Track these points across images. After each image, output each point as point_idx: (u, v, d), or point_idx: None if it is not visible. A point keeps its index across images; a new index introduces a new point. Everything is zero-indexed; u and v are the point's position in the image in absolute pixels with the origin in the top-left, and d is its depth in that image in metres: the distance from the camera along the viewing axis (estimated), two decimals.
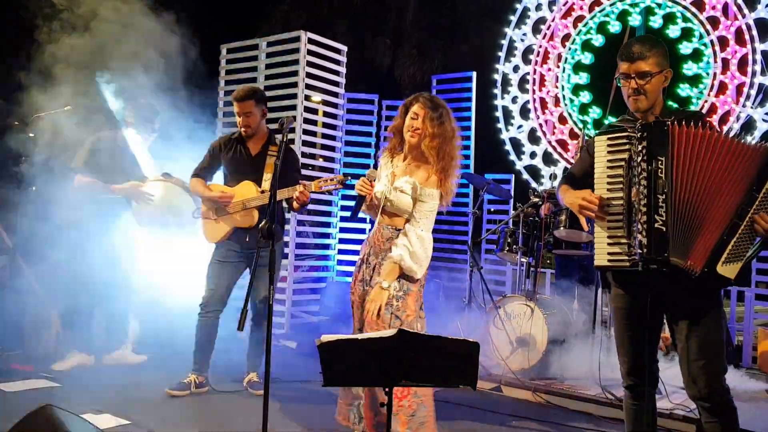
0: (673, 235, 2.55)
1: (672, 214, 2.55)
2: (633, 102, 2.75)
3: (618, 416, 4.27)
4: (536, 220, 5.37)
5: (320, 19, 16.65)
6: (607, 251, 2.68)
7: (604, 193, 2.69)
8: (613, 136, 2.71)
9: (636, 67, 2.70)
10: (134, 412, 3.89)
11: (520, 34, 8.78)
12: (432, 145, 3.27)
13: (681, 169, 2.57)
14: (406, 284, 3.24)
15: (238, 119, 4.43)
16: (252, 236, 4.38)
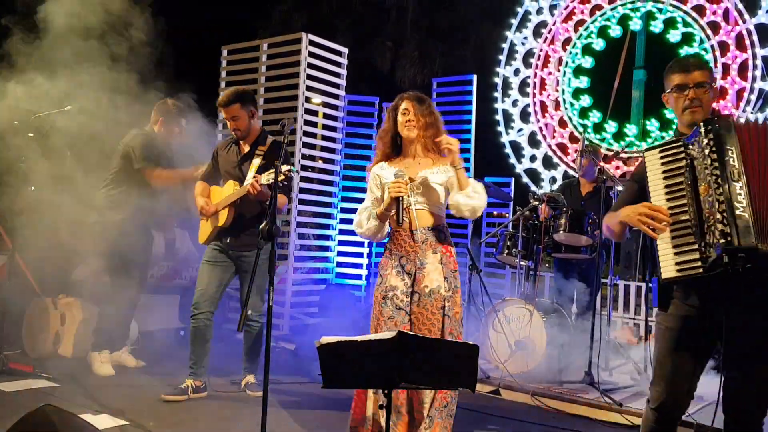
0: (758, 222, 2.38)
1: (752, 201, 2.39)
2: (690, 114, 2.63)
3: (616, 420, 4.27)
4: (536, 223, 5.38)
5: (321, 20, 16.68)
6: (675, 261, 2.48)
7: (664, 204, 2.54)
8: (666, 147, 2.61)
9: (693, 77, 2.62)
10: (133, 412, 3.88)
11: (521, 38, 8.80)
12: (429, 135, 3.33)
13: (749, 158, 2.45)
14: (453, 281, 3.25)
15: (228, 125, 4.44)
16: (232, 237, 4.38)
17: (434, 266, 3.23)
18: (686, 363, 2.58)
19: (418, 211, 3.26)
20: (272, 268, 2.90)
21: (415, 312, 3.22)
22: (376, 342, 2.31)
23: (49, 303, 5.22)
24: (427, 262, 3.24)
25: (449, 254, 3.30)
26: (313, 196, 7.11)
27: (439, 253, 3.26)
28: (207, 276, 4.42)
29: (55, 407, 2.52)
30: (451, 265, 3.28)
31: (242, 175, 4.37)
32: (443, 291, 3.20)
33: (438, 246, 3.27)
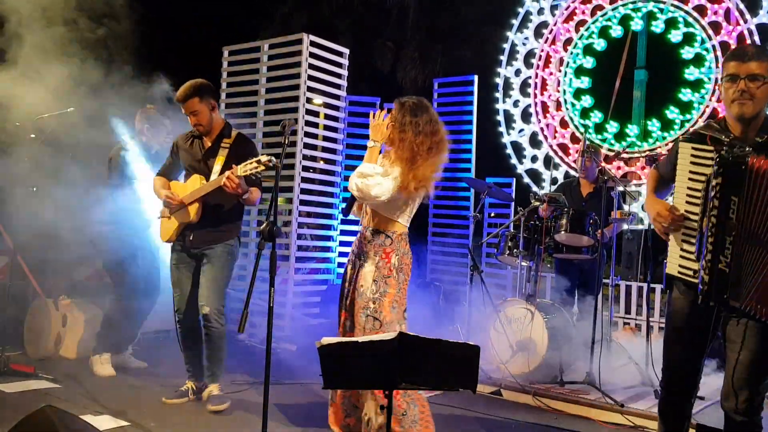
0: (735, 278, 2.47)
1: (737, 255, 2.46)
2: (738, 106, 2.55)
3: (618, 421, 4.27)
4: (537, 223, 5.37)
5: (322, 21, 16.68)
6: (678, 263, 2.65)
7: (682, 204, 2.61)
8: (699, 147, 2.58)
9: (747, 68, 2.51)
10: (134, 413, 3.89)
11: (522, 38, 8.80)
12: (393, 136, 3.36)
13: (753, 207, 2.45)
14: (383, 286, 3.28)
15: (189, 120, 4.23)
16: (196, 234, 4.18)
17: (370, 267, 3.31)
18: (688, 343, 2.70)
19: (370, 211, 3.41)
20: (273, 269, 2.90)
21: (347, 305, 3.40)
22: (376, 343, 2.31)
23: (51, 304, 5.23)
24: (366, 263, 3.33)
25: (387, 260, 3.30)
26: (314, 196, 7.10)
27: (378, 257, 3.31)
28: (179, 280, 4.27)
29: (56, 408, 2.53)
30: (385, 271, 3.30)
31: (208, 170, 4.18)
32: (369, 293, 3.27)
33: (380, 250, 3.32)
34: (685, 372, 2.73)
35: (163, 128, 5.10)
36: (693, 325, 2.68)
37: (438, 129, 3.38)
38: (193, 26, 15.03)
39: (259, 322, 6.45)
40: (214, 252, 4.19)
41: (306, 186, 6.75)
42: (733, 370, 2.60)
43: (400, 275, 3.31)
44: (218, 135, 4.28)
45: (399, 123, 3.34)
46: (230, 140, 4.26)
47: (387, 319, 3.24)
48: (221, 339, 4.22)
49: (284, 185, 6.42)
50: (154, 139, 5.06)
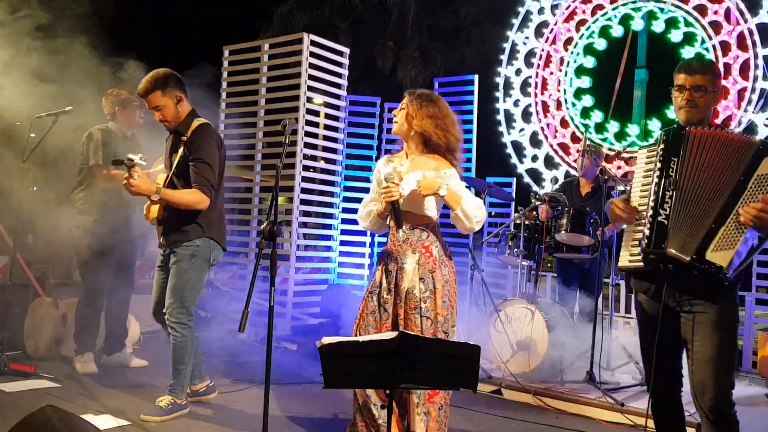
0: (675, 228, 2.65)
1: (676, 208, 2.65)
2: (685, 113, 2.80)
3: (618, 420, 4.27)
4: (537, 223, 5.37)
5: (322, 21, 16.70)
6: (629, 252, 2.79)
7: (637, 200, 2.81)
8: (649, 146, 2.85)
9: (693, 80, 2.77)
10: (134, 413, 3.89)
11: (523, 38, 8.79)
12: (422, 125, 3.23)
13: (690, 167, 2.68)
14: (431, 282, 3.21)
15: (155, 116, 3.96)
16: (164, 233, 3.99)
17: (412, 266, 3.23)
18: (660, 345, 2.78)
19: (404, 210, 3.23)
20: (273, 269, 2.89)
21: (399, 313, 3.24)
22: (377, 342, 2.31)
23: (51, 303, 5.22)
24: (406, 262, 3.24)
25: (429, 254, 3.24)
26: (315, 196, 7.10)
27: (418, 254, 3.23)
28: (156, 282, 4.13)
29: (56, 408, 2.52)
30: (429, 266, 3.23)
31: (171, 166, 4.00)
32: (417, 292, 3.18)
33: (418, 245, 3.24)
34: (662, 370, 2.81)
35: (136, 111, 4.95)
36: (655, 322, 2.78)
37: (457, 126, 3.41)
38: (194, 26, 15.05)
39: (259, 321, 6.45)
40: (177, 255, 3.96)
41: (306, 186, 6.75)
42: (692, 372, 2.69)
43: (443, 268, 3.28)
44: (176, 131, 4.02)
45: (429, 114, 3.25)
46: (187, 134, 3.93)
47: (439, 318, 3.21)
48: (181, 350, 3.99)
49: (284, 185, 6.42)
50: (127, 123, 4.93)
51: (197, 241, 3.98)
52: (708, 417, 2.66)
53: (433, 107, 3.26)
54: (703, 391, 2.65)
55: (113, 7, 5.42)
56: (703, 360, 2.65)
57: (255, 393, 4.48)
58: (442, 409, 3.18)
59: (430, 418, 3.13)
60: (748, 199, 2.56)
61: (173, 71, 3.96)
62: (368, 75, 16.51)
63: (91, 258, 4.81)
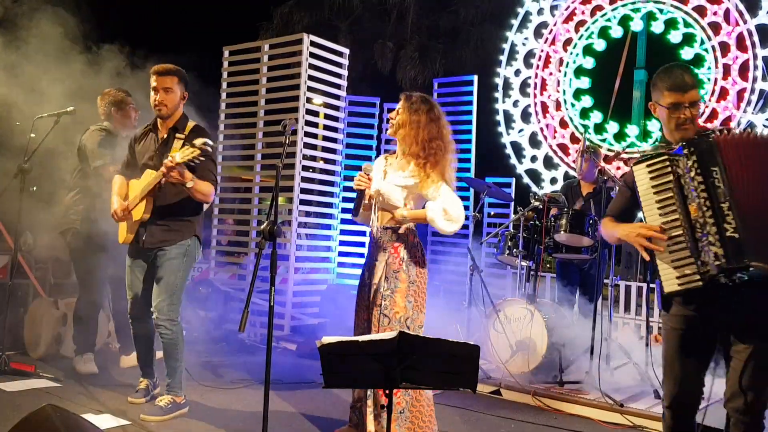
0: (747, 241, 2.48)
1: (740, 220, 2.49)
2: (683, 132, 2.68)
3: (617, 421, 4.28)
4: (537, 224, 5.38)
5: (322, 21, 16.70)
6: (675, 275, 2.58)
7: (657, 218, 2.63)
8: (653, 162, 2.66)
9: (690, 97, 2.66)
10: (134, 412, 3.89)
11: (522, 39, 8.80)
12: (406, 133, 3.36)
13: (738, 175, 2.53)
14: (393, 282, 3.33)
15: (153, 96, 3.93)
16: (150, 232, 3.93)
17: (381, 265, 3.38)
18: (691, 360, 2.67)
19: (383, 208, 3.42)
20: (273, 269, 2.90)
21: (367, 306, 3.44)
22: (377, 342, 2.32)
23: (51, 303, 5.23)
24: (377, 260, 3.40)
25: (396, 254, 3.37)
26: (314, 196, 7.11)
27: (387, 253, 3.38)
28: (132, 282, 4.05)
29: (56, 407, 2.53)
30: (394, 266, 3.36)
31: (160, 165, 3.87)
32: (381, 289, 3.33)
33: (388, 245, 3.39)
34: (689, 390, 2.70)
35: (132, 111, 4.92)
36: (695, 342, 2.65)
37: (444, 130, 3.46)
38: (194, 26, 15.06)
39: (258, 321, 6.46)
40: (167, 254, 3.94)
41: (306, 186, 6.76)
42: (742, 372, 2.58)
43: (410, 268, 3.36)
44: (172, 128, 4.01)
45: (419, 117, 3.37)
46: (185, 132, 3.98)
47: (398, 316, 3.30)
48: (174, 347, 3.97)
49: (284, 185, 6.43)
50: (122, 124, 4.87)
51: (189, 240, 4.02)
52: (739, 418, 2.60)
53: (419, 115, 3.36)
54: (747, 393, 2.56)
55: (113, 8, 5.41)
56: (754, 368, 2.55)
57: (255, 393, 4.48)
58: (403, 413, 3.20)
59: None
60: None
61: None
62: (368, 75, 16.51)
63: (85, 257, 4.79)
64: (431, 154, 3.33)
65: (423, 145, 3.33)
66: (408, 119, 3.36)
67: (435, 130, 3.37)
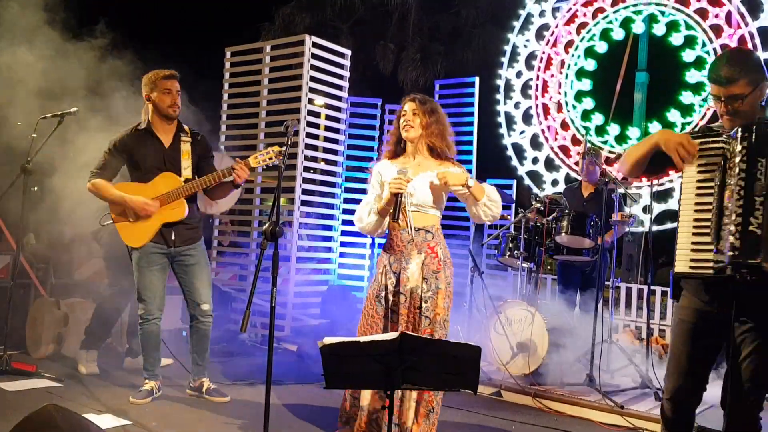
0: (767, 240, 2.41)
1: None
2: (728, 122, 2.62)
3: (618, 423, 4.28)
4: (538, 225, 5.38)
5: (324, 23, 16.72)
6: (690, 257, 2.55)
7: (692, 198, 2.59)
8: (707, 140, 2.59)
9: (728, 91, 2.57)
10: (135, 412, 3.90)
11: (524, 40, 8.81)
12: (431, 132, 3.38)
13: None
14: (434, 282, 3.27)
15: (167, 98, 4.12)
16: (178, 233, 4.14)
17: (417, 267, 3.29)
18: (698, 354, 2.65)
19: (411, 212, 3.33)
20: (275, 269, 2.91)
21: (402, 313, 3.29)
22: (378, 343, 2.32)
23: (53, 303, 5.24)
24: (411, 263, 3.30)
25: (434, 255, 3.31)
26: (316, 197, 7.11)
27: (424, 254, 3.30)
28: (152, 284, 4.16)
29: (58, 407, 2.53)
30: (433, 266, 3.29)
31: (175, 167, 4.14)
32: (420, 291, 3.26)
33: (423, 246, 3.31)
34: (693, 385, 2.68)
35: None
36: (702, 337, 2.62)
37: None
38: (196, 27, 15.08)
39: (260, 322, 6.46)
40: (197, 251, 4.25)
41: (307, 187, 6.77)
42: (740, 371, 2.56)
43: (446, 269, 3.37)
44: (176, 131, 4.22)
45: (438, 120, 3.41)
46: (189, 137, 4.22)
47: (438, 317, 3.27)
48: (209, 336, 4.35)
49: (286, 186, 6.43)
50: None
51: (202, 237, 4.35)
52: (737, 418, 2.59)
53: (436, 116, 3.41)
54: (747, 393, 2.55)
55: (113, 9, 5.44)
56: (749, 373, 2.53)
57: (256, 393, 4.48)
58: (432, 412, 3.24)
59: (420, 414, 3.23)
60: None
61: None
62: (369, 76, 16.53)
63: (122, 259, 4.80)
64: (450, 152, 3.44)
65: (448, 142, 3.42)
66: (429, 119, 3.37)
67: (448, 127, 3.47)
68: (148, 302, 4.18)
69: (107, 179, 4.15)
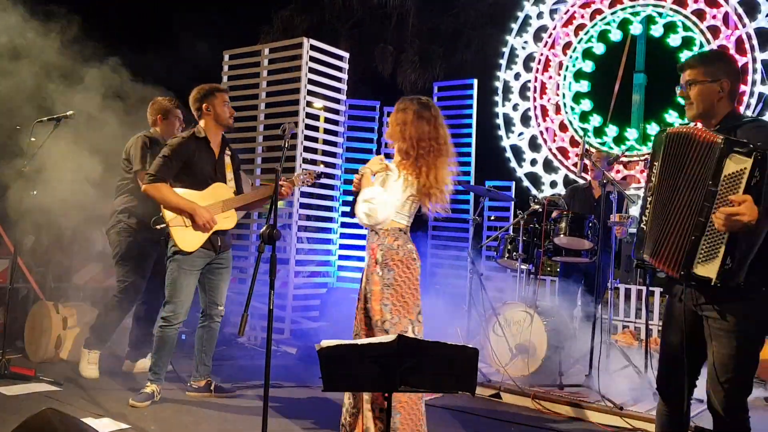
0: (650, 235, 2.64)
1: (654, 215, 2.64)
2: (687, 111, 2.81)
3: (617, 424, 4.28)
4: (536, 227, 5.39)
5: (322, 25, 16.73)
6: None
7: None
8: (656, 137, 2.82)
9: (684, 77, 2.78)
10: (134, 416, 3.90)
11: (522, 42, 8.83)
12: (392, 131, 3.29)
13: (666, 171, 2.65)
14: (370, 284, 3.20)
15: (227, 110, 4.38)
16: (222, 239, 4.33)
17: (365, 264, 3.34)
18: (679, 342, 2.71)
19: None
20: (273, 272, 2.91)
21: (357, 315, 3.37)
22: (376, 345, 2.32)
23: (51, 307, 5.24)
24: (366, 261, 3.36)
25: (372, 256, 3.24)
26: (314, 200, 7.12)
27: (368, 255, 3.31)
28: (188, 286, 4.24)
29: (57, 411, 2.53)
30: (370, 267, 3.24)
31: (224, 179, 4.36)
32: (364, 293, 3.27)
33: (370, 247, 3.30)
34: (671, 375, 2.74)
35: (176, 120, 5.05)
36: (679, 325, 2.70)
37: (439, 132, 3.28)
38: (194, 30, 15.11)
39: (258, 325, 6.46)
40: (229, 255, 4.50)
41: (306, 189, 6.77)
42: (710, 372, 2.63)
43: (385, 271, 3.17)
44: (222, 143, 4.43)
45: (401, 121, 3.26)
46: (229, 150, 4.49)
47: (377, 318, 3.15)
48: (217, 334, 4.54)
49: None
50: (167, 132, 4.97)
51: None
52: (721, 419, 2.62)
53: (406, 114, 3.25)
54: (715, 393, 2.59)
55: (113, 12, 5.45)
56: (720, 363, 2.57)
57: (254, 396, 4.48)
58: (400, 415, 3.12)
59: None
60: (720, 202, 2.40)
61: None
62: (368, 79, 16.55)
63: (131, 261, 4.83)
64: (422, 155, 3.19)
65: (411, 143, 3.20)
66: (394, 118, 3.29)
67: (426, 129, 3.22)
68: (179, 305, 4.22)
69: (167, 183, 4.17)
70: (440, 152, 3.26)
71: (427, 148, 3.20)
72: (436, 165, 3.22)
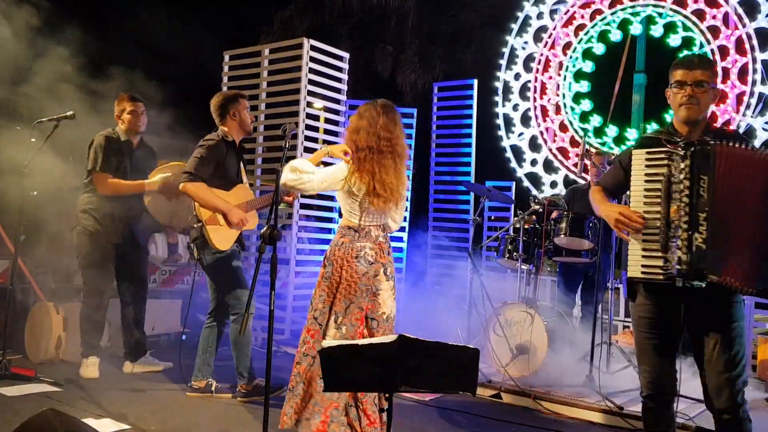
0: (712, 253, 2.59)
1: (711, 233, 2.59)
2: (685, 110, 2.75)
3: (617, 424, 4.27)
4: (537, 227, 5.38)
5: (322, 26, 16.72)
6: (641, 263, 2.72)
7: (640, 207, 2.73)
8: (653, 151, 2.74)
9: (694, 76, 2.74)
10: (135, 416, 3.89)
11: (522, 42, 8.83)
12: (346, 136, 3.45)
13: (723, 189, 2.61)
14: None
15: (249, 116, 4.50)
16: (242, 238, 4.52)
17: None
18: (661, 346, 2.79)
19: None
20: (274, 273, 2.91)
21: None
22: (377, 346, 2.32)
23: (52, 307, 5.23)
24: None
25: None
26: (315, 200, 7.11)
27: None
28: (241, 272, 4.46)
29: (57, 411, 2.53)
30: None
31: (242, 180, 4.50)
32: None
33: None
34: (662, 376, 2.81)
35: (144, 118, 5.02)
36: (662, 328, 2.78)
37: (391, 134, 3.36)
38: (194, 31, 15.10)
39: (259, 325, 6.46)
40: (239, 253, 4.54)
41: None
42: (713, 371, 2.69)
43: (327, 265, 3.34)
44: (238, 149, 4.50)
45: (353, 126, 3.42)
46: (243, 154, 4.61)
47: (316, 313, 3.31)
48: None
49: None
50: (130, 127, 4.94)
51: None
52: (722, 418, 2.69)
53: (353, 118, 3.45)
54: (721, 392, 2.67)
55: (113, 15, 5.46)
56: (720, 366, 2.66)
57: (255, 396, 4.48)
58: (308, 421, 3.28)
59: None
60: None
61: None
62: (368, 79, 16.53)
63: (92, 259, 4.82)
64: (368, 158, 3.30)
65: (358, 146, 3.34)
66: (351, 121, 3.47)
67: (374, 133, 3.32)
68: (243, 295, 4.31)
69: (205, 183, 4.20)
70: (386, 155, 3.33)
71: (374, 151, 3.30)
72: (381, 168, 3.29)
